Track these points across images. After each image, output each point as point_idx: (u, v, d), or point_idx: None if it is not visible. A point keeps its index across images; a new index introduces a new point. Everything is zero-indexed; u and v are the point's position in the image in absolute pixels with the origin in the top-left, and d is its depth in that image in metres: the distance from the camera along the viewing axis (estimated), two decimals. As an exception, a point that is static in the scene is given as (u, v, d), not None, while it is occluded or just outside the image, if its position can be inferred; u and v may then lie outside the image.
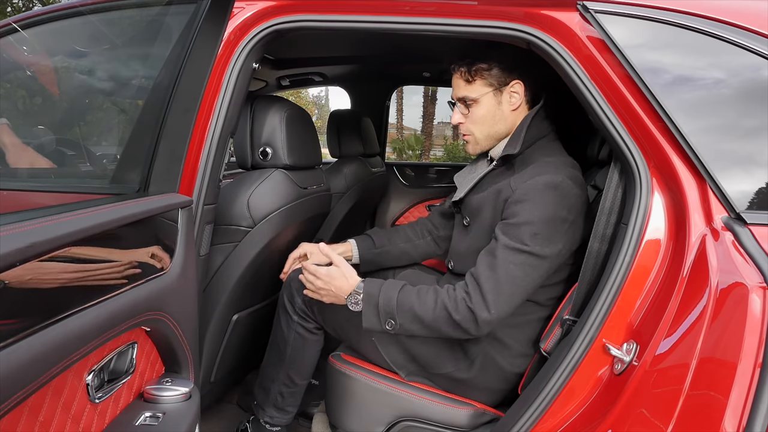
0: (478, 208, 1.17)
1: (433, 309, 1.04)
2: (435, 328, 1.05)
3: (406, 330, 1.08)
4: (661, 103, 0.86)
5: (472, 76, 1.14)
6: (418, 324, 1.06)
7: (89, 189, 1.16)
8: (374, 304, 1.08)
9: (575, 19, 0.94)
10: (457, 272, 1.25)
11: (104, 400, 0.74)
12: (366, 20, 1.03)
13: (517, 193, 1.06)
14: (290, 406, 1.34)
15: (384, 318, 1.08)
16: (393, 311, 1.07)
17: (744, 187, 0.84)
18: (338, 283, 1.11)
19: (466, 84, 1.16)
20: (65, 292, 0.60)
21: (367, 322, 1.09)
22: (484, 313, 1.00)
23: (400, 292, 1.08)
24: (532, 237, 1.01)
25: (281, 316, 1.30)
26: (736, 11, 0.89)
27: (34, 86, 1.41)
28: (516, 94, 1.15)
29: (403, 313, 1.06)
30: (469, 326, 1.02)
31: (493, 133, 1.18)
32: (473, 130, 1.19)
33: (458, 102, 1.19)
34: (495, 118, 1.17)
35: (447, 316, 1.03)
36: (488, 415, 1.18)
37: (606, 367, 0.92)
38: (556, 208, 1.03)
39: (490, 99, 1.15)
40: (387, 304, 1.07)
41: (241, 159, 1.37)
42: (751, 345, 0.59)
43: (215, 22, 0.98)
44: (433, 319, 1.04)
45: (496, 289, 1.01)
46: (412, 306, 1.06)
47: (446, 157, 10.90)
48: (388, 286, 1.10)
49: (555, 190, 1.04)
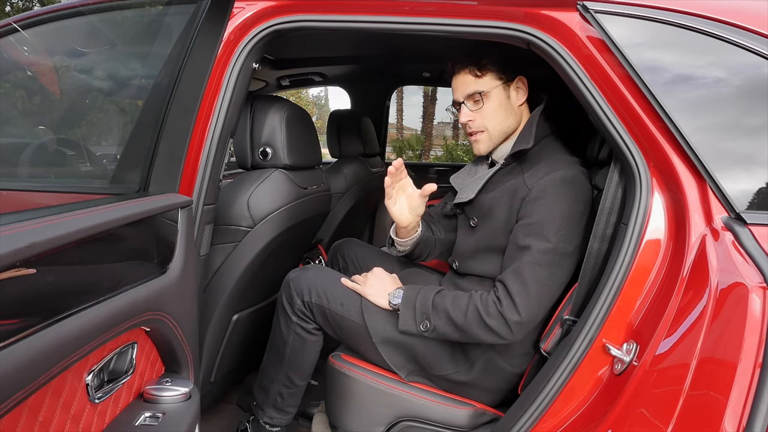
0: (489, 208, 1.17)
1: (465, 312, 1.05)
2: (468, 331, 1.06)
3: (440, 333, 1.09)
4: (660, 102, 0.86)
5: (481, 70, 1.15)
6: (451, 326, 1.07)
7: (89, 189, 1.16)
8: (411, 307, 1.12)
9: (575, 19, 0.94)
10: (461, 272, 1.25)
11: (104, 400, 0.74)
12: (366, 20, 1.03)
13: (534, 190, 1.07)
14: (290, 406, 1.34)
15: (420, 319, 1.10)
16: (428, 312, 1.09)
17: (744, 187, 0.84)
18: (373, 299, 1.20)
19: (475, 79, 1.16)
20: (65, 292, 0.60)
21: (404, 325, 1.12)
22: (514, 316, 1.01)
23: (437, 295, 1.11)
24: (557, 233, 1.03)
25: (280, 317, 1.30)
26: (736, 11, 0.89)
27: (34, 86, 1.41)
28: (521, 89, 1.18)
29: (438, 315, 1.08)
30: (501, 330, 1.03)
31: (506, 128, 1.19)
32: (487, 125, 1.19)
33: (466, 100, 1.19)
34: (507, 111, 1.18)
35: (479, 319, 1.04)
36: (488, 415, 1.18)
37: (606, 367, 0.92)
38: (575, 203, 1.05)
39: (500, 92, 1.17)
40: (423, 305, 1.10)
41: (241, 159, 1.37)
42: (751, 345, 0.59)
43: (215, 22, 0.98)
44: (466, 322, 1.05)
45: (524, 291, 1.02)
46: (447, 308, 1.08)
47: (446, 157, 10.91)
48: (426, 290, 1.13)
49: (572, 185, 1.05)
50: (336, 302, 1.23)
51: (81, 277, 0.64)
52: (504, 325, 1.02)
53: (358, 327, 1.20)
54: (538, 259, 1.03)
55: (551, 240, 1.02)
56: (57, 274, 0.59)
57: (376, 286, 1.21)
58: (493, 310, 1.03)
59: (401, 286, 1.21)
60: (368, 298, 1.20)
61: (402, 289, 1.17)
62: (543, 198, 1.05)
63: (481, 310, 1.04)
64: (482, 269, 1.19)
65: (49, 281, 0.57)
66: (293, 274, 1.30)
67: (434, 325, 1.09)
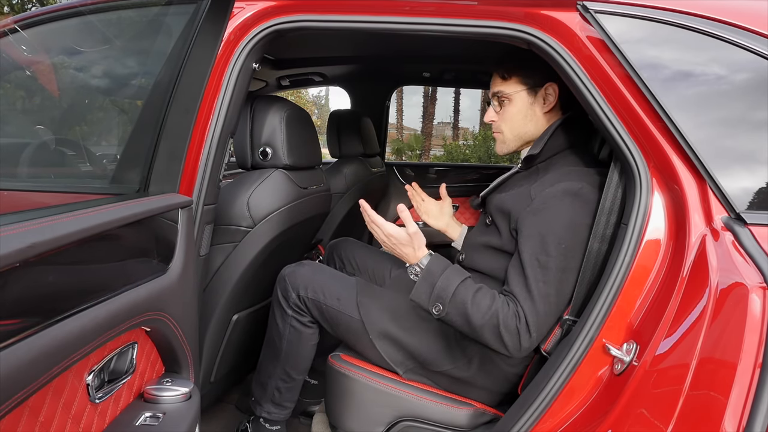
0: (501, 209, 1.15)
1: (484, 314, 1.01)
2: (479, 333, 1.03)
3: (449, 320, 1.05)
4: (659, 99, 0.87)
5: (508, 73, 1.16)
6: (464, 321, 1.03)
7: (89, 189, 1.16)
8: (431, 283, 1.05)
9: (575, 19, 0.94)
10: (466, 266, 1.25)
11: (104, 400, 0.74)
12: (366, 20, 1.03)
13: (536, 201, 1.05)
14: (288, 401, 1.34)
15: (434, 300, 1.05)
16: (446, 298, 1.04)
17: (744, 187, 0.84)
18: (405, 250, 1.09)
19: (501, 81, 1.17)
20: (65, 293, 0.60)
21: (416, 296, 1.06)
22: (525, 335, 1.00)
23: (461, 284, 1.04)
24: (557, 247, 1.00)
25: (276, 311, 1.30)
26: (735, 11, 0.89)
27: (33, 86, 1.40)
28: (550, 95, 1.15)
29: (455, 305, 1.03)
30: (511, 344, 1.00)
31: (522, 134, 1.19)
32: (503, 128, 1.20)
33: (492, 99, 1.20)
34: (526, 117, 1.17)
35: (495, 326, 1.01)
36: (488, 415, 1.18)
37: (606, 367, 0.92)
38: (577, 215, 1.02)
39: (523, 98, 1.16)
40: (444, 289, 1.04)
41: (241, 159, 1.37)
42: (751, 345, 0.59)
43: (215, 22, 0.98)
44: (481, 324, 1.01)
45: (534, 310, 1.00)
46: (466, 302, 1.03)
47: (446, 157, 10.92)
48: (452, 273, 1.06)
49: (575, 197, 1.03)
50: (332, 297, 1.24)
51: (81, 277, 0.64)
52: (516, 342, 1.00)
53: (355, 322, 1.20)
54: (543, 275, 1.00)
55: (552, 254, 1.00)
56: (57, 274, 0.59)
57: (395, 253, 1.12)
58: (512, 325, 1.00)
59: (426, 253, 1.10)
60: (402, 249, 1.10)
61: (426, 261, 1.08)
62: (544, 210, 1.03)
63: (501, 320, 1.00)
64: (486, 266, 1.18)
65: (49, 281, 0.57)
66: (289, 269, 1.31)
67: (447, 311, 1.04)
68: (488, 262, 1.18)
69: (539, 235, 1.02)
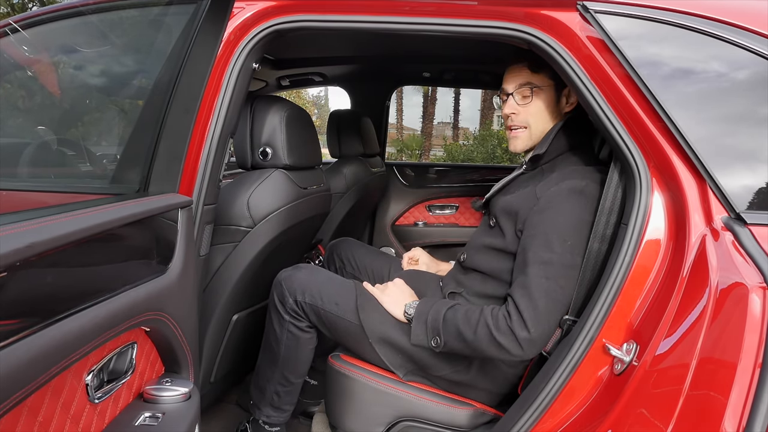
0: (506, 210, 1.15)
1: (475, 327, 1.03)
2: (477, 347, 1.03)
3: (450, 348, 1.08)
4: (658, 99, 0.87)
5: (539, 66, 1.13)
6: (461, 342, 1.05)
7: (89, 189, 1.16)
8: (423, 321, 1.11)
9: (575, 19, 0.94)
10: (466, 266, 1.25)
11: (104, 400, 0.74)
12: (366, 20, 1.03)
13: (541, 201, 1.05)
14: (287, 404, 1.34)
15: (431, 334, 1.09)
16: (439, 328, 1.08)
17: (744, 186, 0.84)
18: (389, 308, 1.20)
19: (531, 73, 1.15)
20: (65, 292, 0.60)
21: (416, 338, 1.12)
22: (523, 332, 0.98)
23: (449, 310, 1.09)
24: (563, 244, 1.00)
25: (273, 316, 1.30)
26: (735, 11, 0.89)
27: (34, 86, 1.41)
28: (572, 96, 1.15)
29: (448, 330, 1.07)
30: (511, 346, 0.99)
31: (545, 129, 1.18)
32: (530, 122, 1.18)
33: (515, 92, 1.17)
34: (552, 113, 1.17)
35: (488, 334, 1.01)
36: (488, 415, 1.18)
37: (606, 367, 0.92)
38: (582, 213, 1.03)
39: (551, 92, 1.16)
40: (435, 320, 1.09)
41: (241, 159, 1.37)
42: (751, 345, 0.59)
43: (215, 22, 0.98)
44: (475, 337, 1.02)
45: (531, 305, 0.99)
46: (457, 323, 1.05)
47: (446, 157, 10.91)
48: (439, 304, 1.12)
49: (580, 195, 1.03)
50: (331, 302, 1.23)
51: (81, 277, 0.64)
52: (513, 342, 0.99)
53: (354, 327, 1.20)
54: (545, 272, 1.00)
55: (557, 251, 1.00)
56: (57, 274, 0.59)
57: (394, 296, 1.21)
58: (503, 326, 1.00)
59: (417, 299, 1.19)
60: (385, 306, 1.20)
61: (417, 302, 1.16)
62: (549, 209, 1.03)
63: (491, 325, 1.01)
64: (488, 266, 1.18)
65: (49, 281, 0.57)
66: (284, 273, 1.30)
67: (444, 341, 1.07)
68: (489, 262, 1.18)
69: (544, 233, 1.02)
